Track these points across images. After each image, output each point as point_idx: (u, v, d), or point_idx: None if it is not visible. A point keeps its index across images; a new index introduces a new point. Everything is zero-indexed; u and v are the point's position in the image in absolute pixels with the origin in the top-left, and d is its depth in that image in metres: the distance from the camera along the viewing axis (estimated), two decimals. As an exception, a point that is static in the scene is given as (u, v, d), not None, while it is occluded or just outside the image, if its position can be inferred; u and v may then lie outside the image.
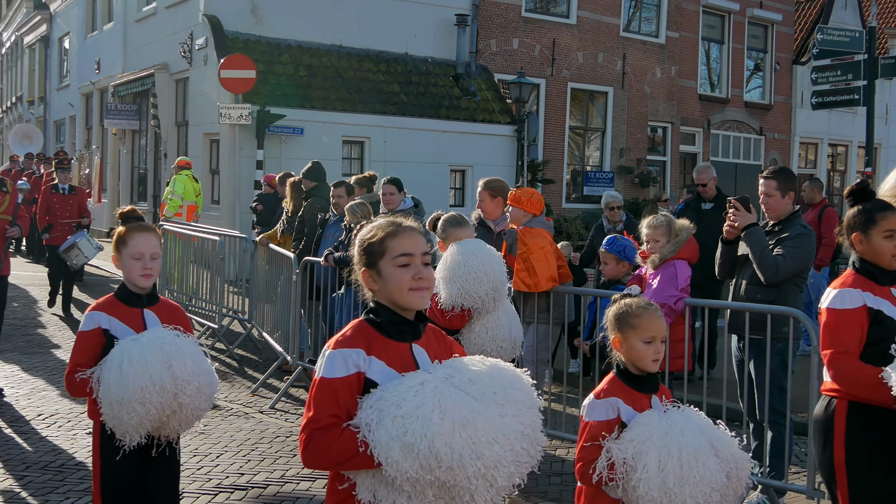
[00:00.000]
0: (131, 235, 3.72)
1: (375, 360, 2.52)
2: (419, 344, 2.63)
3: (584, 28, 21.13)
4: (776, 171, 5.63)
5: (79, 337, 3.72)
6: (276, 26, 16.92)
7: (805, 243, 5.42)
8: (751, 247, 5.37)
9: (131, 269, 3.69)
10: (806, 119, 26.45)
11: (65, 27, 27.63)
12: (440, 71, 18.71)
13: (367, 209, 7.70)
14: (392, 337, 2.57)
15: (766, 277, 5.38)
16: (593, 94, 21.72)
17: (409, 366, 2.55)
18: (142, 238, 3.71)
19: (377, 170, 12.25)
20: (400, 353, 2.57)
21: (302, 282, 8.25)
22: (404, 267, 2.56)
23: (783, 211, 5.54)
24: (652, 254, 5.58)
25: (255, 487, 5.79)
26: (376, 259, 2.59)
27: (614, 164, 21.75)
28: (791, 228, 5.48)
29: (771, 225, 5.63)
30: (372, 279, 2.62)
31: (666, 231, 5.55)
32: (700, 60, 24.25)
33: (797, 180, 5.80)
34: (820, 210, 10.80)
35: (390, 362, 2.53)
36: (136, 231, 3.73)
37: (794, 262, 5.37)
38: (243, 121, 15.27)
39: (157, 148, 20.09)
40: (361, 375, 2.51)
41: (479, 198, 6.52)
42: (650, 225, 5.61)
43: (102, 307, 3.71)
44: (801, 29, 27.02)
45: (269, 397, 8.26)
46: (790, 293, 5.42)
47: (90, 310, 3.72)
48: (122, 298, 3.75)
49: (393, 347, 2.57)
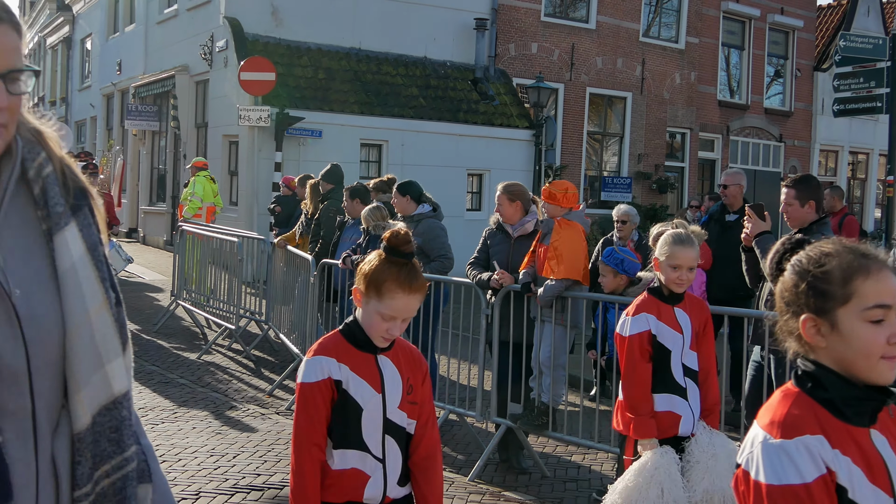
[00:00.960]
0: (394, 294, 2.69)
1: None
2: None
3: (604, 33, 21.08)
4: (797, 179, 5.62)
5: (301, 392, 2.82)
6: (295, 29, 16.98)
7: None
8: (761, 255, 5.37)
9: (374, 326, 2.73)
10: (826, 126, 26.26)
11: (87, 28, 27.86)
12: (459, 75, 18.72)
13: (383, 213, 7.69)
14: (849, 420, 1.82)
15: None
16: (612, 100, 21.67)
17: None
18: (405, 301, 2.70)
19: (395, 173, 12.27)
20: None
21: (319, 284, 8.28)
22: (877, 323, 1.80)
23: (804, 219, 5.51)
24: None
25: (271, 488, 5.80)
26: (832, 305, 1.83)
27: (632, 169, 21.68)
28: (813, 237, 5.43)
29: (794, 233, 5.61)
30: (818, 332, 1.85)
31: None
32: (720, 66, 24.13)
33: (821, 189, 5.76)
34: (840, 218, 10.74)
35: None
36: (410, 291, 2.70)
37: None
38: (262, 123, 15.34)
39: (176, 149, 20.22)
40: None
41: (498, 202, 6.51)
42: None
43: (329, 350, 2.80)
44: (823, 35, 26.84)
45: (286, 399, 8.28)
46: None
47: (313, 354, 2.82)
48: (352, 341, 2.80)
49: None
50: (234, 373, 9.41)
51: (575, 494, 5.91)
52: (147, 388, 8.45)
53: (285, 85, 16.00)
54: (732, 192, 7.93)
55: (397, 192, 7.80)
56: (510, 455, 6.54)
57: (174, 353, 10.12)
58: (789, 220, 5.62)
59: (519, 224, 6.50)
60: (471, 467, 6.29)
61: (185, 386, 8.68)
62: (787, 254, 2.00)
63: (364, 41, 17.72)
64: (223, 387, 8.74)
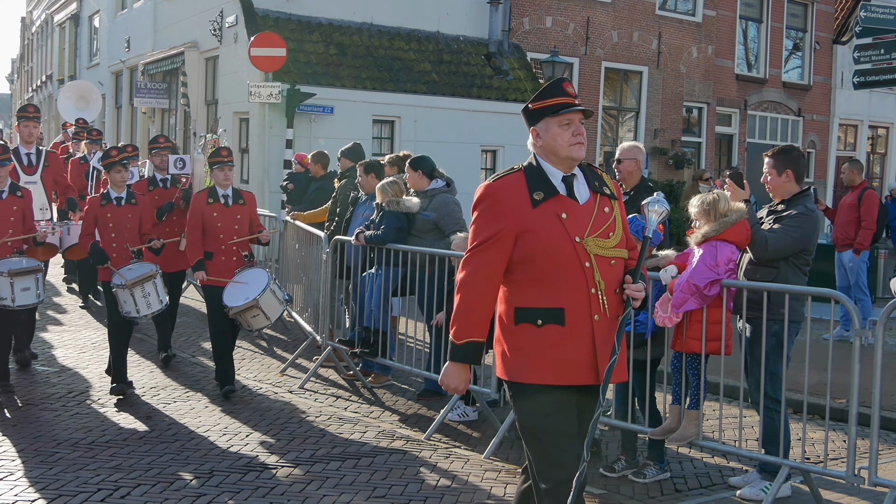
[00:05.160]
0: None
1: None
2: None
3: (619, 6, 20.80)
4: (777, 149, 5.68)
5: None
6: (306, 4, 16.79)
7: (802, 223, 5.36)
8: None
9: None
10: (846, 100, 25.90)
11: (95, 5, 27.70)
12: (472, 49, 18.51)
13: (399, 187, 7.59)
14: None
15: (754, 253, 5.42)
16: (627, 74, 21.41)
17: None
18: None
19: (408, 150, 12.12)
20: None
21: (332, 262, 8.18)
22: None
23: (784, 190, 5.52)
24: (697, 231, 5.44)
25: (284, 467, 5.74)
26: None
27: (648, 145, 21.44)
28: (793, 207, 5.45)
29: (776, 203, 5.60)
30: None
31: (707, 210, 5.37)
32: (737, 40, 23.79)
33: (802, 160, 5.73)
34: (860, 192, 10.55)
35: None
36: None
37: (786, 240, 5.33)
38: (273, 99, 15.21)
39: (186, 126, 20.11)
40: None
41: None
42: (694, 204, 5.45)
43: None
44: (842, 7, 26.41)
45: (299, 377, 8.21)
46: (789, 275, 5.36)
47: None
48: None
49: None
50: (247, 351, 9.34)
51: (591, 472, 5.81)
52: (159, 368, 8.40)
53: (296, 61, 15.84)
54: (626, 168, 6.54)
55: (410, 167, 7.70)
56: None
57: (186, 333, 10.07)
58: (771, 191, 5.63)
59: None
60: (486, 445, 6.21)
61: (197, 365, 8.63)
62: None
63: (376, 16, 17.52)
64: (236, 366, 8.66)
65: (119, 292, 7.23)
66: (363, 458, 5.97)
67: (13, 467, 5.59)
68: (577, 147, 3.46)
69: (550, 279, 3.38)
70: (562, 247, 3.36)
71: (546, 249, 3.36)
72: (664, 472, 5.72)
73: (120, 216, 7.50)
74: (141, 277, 7.23)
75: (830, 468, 5.30)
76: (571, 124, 3.47)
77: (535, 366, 3.39)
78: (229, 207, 7.56)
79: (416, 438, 6.47)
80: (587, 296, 3.38)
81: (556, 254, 3.36)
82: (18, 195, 7.46)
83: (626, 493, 5.47)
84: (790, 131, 25.25)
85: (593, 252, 3.38)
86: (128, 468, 5.60)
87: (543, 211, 3.40)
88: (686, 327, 5.31)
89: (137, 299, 7.24)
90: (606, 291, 3.41)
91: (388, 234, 7.35)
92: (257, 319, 7.44)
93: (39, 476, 5.44)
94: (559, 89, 3.50)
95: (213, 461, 5.81)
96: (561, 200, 3.44)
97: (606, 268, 3.42)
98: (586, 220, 3.42)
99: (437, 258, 7.01)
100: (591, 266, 3.38)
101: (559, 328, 3.37)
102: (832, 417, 5.38)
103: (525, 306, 3.42)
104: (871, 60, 14.92)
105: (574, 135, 3.46)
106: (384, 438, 6.43)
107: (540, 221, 3.39)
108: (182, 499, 5.11)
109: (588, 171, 3.57)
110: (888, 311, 4.81)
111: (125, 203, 7.56)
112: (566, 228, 3.38)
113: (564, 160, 3.48)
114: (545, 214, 3.40)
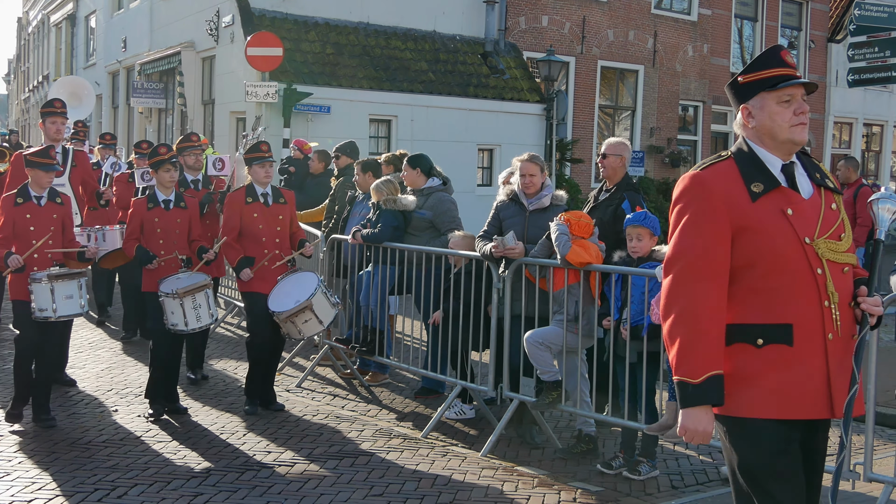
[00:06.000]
0: None
1: None
2: None
3: (615, 5, 20.82)
4: None
5: None
6: (302, 4, 16.80)
7: None
8: None
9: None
10: (840, 98, 25.97)
11: (91, 5, 27.67)
12: (468, 49, 18.52)
13: (394, 187, 7.60)
14: None
15: None
16: (623, 73, 21.43)
17: None
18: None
19: (405, 149, 12.14)
20: None
21: (329, 260, 8.18)
22: None
23: None
24: None
25: (282, 466, 5.75)
26: None
27: (644, 143, 21.48)
28: None
29: None
30: None
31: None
32: (733, 38, 23.84)
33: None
34: (855, 189, 10.60)
35: None
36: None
37: None
38: (270, 99, 15.21)
39: (183, 126, 20.08)
40: None
41: (528, 171, 6.37)
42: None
43: None
44: (837, 6, 26.47)
45: (296, 376, 8.22)
46: None
47: None
48: None
49: None
50: (244, 351, 9.33)
51: (588, 469, 5.83)
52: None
53: (293, 60, 15.85)
54: (611, 164, 6.51)
55: (407, 165, 7.71)
56: (523, 430, 6.46)
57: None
58: None
59: (536, 198, 6.40)
60: (483, 443, 6.23)
61: (194, 363, 8.62)
62: None
63: (372, 15, 17.53)
64: (232, 365, 8.68)
65: (167, 302, 6.49)
66: (360, 456, 5.98)
67: (10, 467, 5.59)
68: (799, 129, 2.91)
69: (775, 289, 2.81)
70: (789, 249, 2.81)
71: (770, 252, 2.81)
72: (655, 470, 5.75)
73: (168, 221, 6.76)
74: (193, 287, 6.52)
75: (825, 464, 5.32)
76: (792, 101, 2.92)
77: (754, 396, 2.80)
78: (269, 207, 6.86)
79: (414, 437, 6.48)
80: (819, 310, 2.82)
81: (781, 258, 2.81)
82: (58, 202, 6.54)
83: (623, 490, 5.48)
84: (786, 129, 25.30)
85: (825, 257, 2.83)
86: (125, 468, 5.60)
87: (764, 206, 2.85)
88: None
89: (187, 311, 6.49)
90: (840, 305, 2.85)
91: (384, 232, 7.36)
92: (309, 325, 6.71)
93: (36, 476, 5.44)
94: (776, 58, 2.95)
95: (210, 460, 5.82)
96: (784, 193, 2.88)
97: (839, 276, 2.86)
98: (814, 217, 2.87)
99: (434, 256, 7.02)
100: (824, 273, 2.83)
101: (785, 349, 2.79)
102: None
103: (742, 322, 2.85)
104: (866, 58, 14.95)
105: (796, 113, 2.91)
106: (381, 437, 6.44)
107: (761, 218, 2.83)
108: (179, 498, 5.11)
109: (806, 160, 3.03)
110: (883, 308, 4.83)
111: (174, 206, 6.79)
112: (794, 227, 2.83)
113: (783, 144, 2.92)
114: (767, 210, 2.84)
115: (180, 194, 6.97)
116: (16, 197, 6.39)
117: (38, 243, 6.28)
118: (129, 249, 6.82)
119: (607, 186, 6.60)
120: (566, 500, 5.27)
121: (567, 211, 6.21)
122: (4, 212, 6.32)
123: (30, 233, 6.31)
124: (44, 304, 6.16)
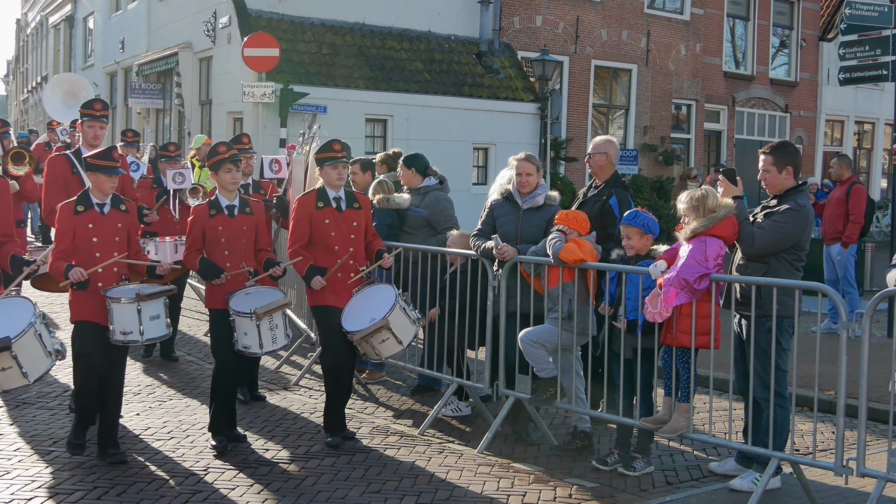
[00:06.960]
0: None
1: None
2: None
3: (609, 5, 20.90)
4: (774, 146, 5.63)
5: None
6: (299, 4, 16.85)
7: (791, 219, 5.35)
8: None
9: None
10: (832, 96, 26.09)
11: (89, 7, 27.68)
12: (463, 49, 18.58)
13: (387, 186, 7.64)
14: None
15: (742, 250, 5.45)
16: (617, 72, 21.51)
17: None
18: None
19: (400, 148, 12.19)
20: None
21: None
22: None
23: (782, 185, 5.52)
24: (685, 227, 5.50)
25: (280, 463, 5.80)
26: None
27: (638, 141, 21.56)
28: (784, 203, 5.46)
29: (770, 199, 5.61)
30: None
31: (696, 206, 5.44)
32: (725, 37, 23.94)
33: (798, 155, 5.74)
34: (848, 187, 10.66)
35: None
36: None
37: (773, 237, 5.34)
38: (266, 99, 15.27)
39: (181, 127, 20.14)
40: None
41: (525, 171, 6.42)
42: (682, 200, 5.52)
43: None
44: (828, 5, 26.58)
45: (293, 374, 8.27)
46: (780, 270, 5.37)
47: None
48: None
49: None
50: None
51: (584, 465, 5.89)
52: (155, 365, 8.45)
53: (289, 61, 15.90)
54: (597, 162, 6.60)
55: (403, 164, 7.76)
56: (519, 427, 6.52)
57: (181, 331, 10.10)
58: (767, 187, 5.63)
59: (530, 197, 6.45)
60: (479, 440, 6.28)
61: (192, 363, 8.67)
62: None
63: (368, 16, 17.58)
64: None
65: (239, 321, 5.78)
66: (358, 453, 6.03)
67: (9, 465, 5.63)
68: None
69: None
70: None
71: None
72: (650, 466, 5.81)
73: (234, 229, 5.96)
74: (273, 306, 5.81)
75: (819, 459, 5.37)
76: None
77: None
78: (343, 213, 6.14)
79: (411, 434, 6.53)
80: None
81: None
82: (123, 209, 5.77)
83: (619, 487, 5.54)
84: (778, 127, 25.40)
85: None
86: (124, 465, 5.64)
87: None
88: (675, 321, 5.38)
89: (262, 332, 5.77)
90: None
91: (379, 231, 7.39)
92: (386, 345, 5.90)
93: (35, 474, 5.48)
94: None
95: (208, 458, 5.86)
96: None
97: None
98: None
99: (430, 255, 7.08)
100: None
101: None
102: (820, 409, 5.44)
103: None
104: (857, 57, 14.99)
105: None
106: (378, 434, 6.49)
107: None
108: (178, 496, 5.16)
109: None
110: (875, 304, 4.88)
111: (238, 212, 5.98)
112: None
113: None
114: None
115: (245, 199, 6.12)
116: (76, 205, 5.63)
117: (109, 260, 5.58)
118: (191, 262, 6.01)
119: (597, 183, 6.72)
120: (562, 496, 5.33)
121: (562, 210, 6.29)
122: (62, 221, 5.61)
123: (92, 244, 5.58)
124: (129, 325, 5.48)
